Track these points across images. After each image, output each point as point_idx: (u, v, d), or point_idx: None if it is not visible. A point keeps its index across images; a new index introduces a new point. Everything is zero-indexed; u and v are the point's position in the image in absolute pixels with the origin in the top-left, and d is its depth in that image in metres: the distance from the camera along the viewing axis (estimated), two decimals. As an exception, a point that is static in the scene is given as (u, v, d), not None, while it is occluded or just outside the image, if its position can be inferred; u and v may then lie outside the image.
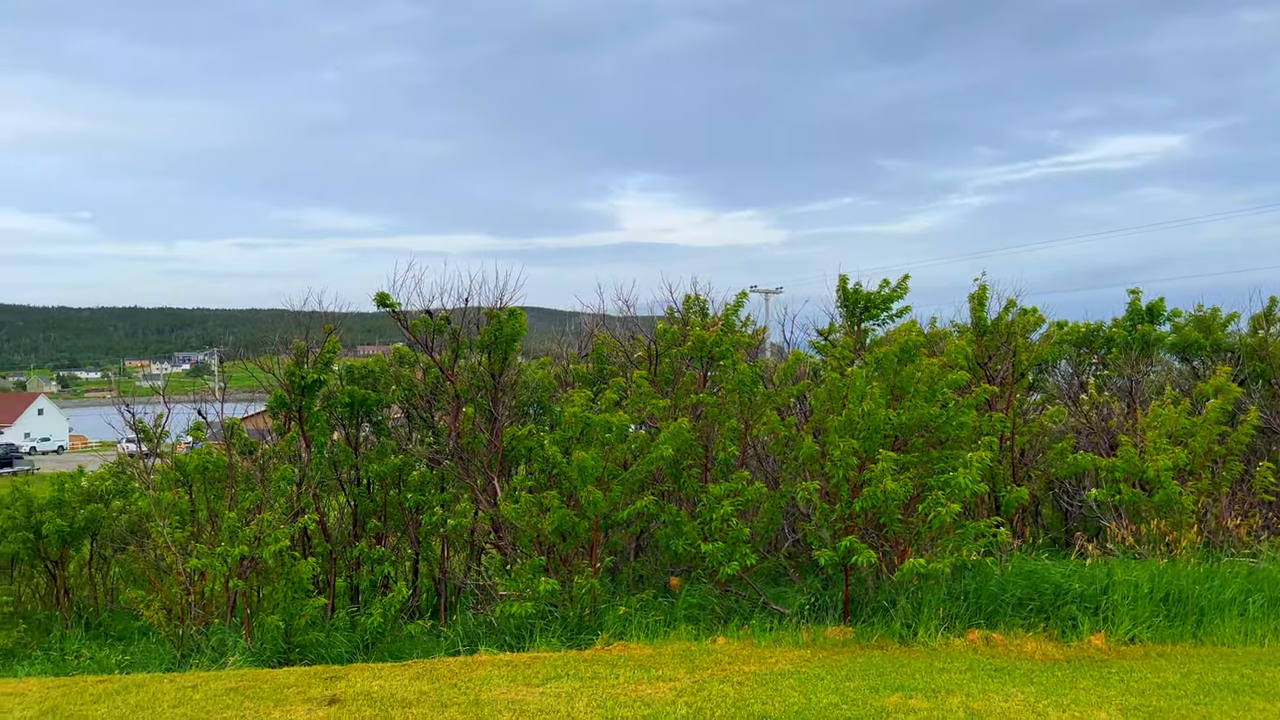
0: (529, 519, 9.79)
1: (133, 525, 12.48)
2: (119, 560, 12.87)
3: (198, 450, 11.23)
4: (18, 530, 12.06)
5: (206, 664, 8.86)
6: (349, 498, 12.11)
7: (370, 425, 12.34)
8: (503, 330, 11.63)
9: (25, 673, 9.55)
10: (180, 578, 10.07)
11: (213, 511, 11.45)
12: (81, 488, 12.64)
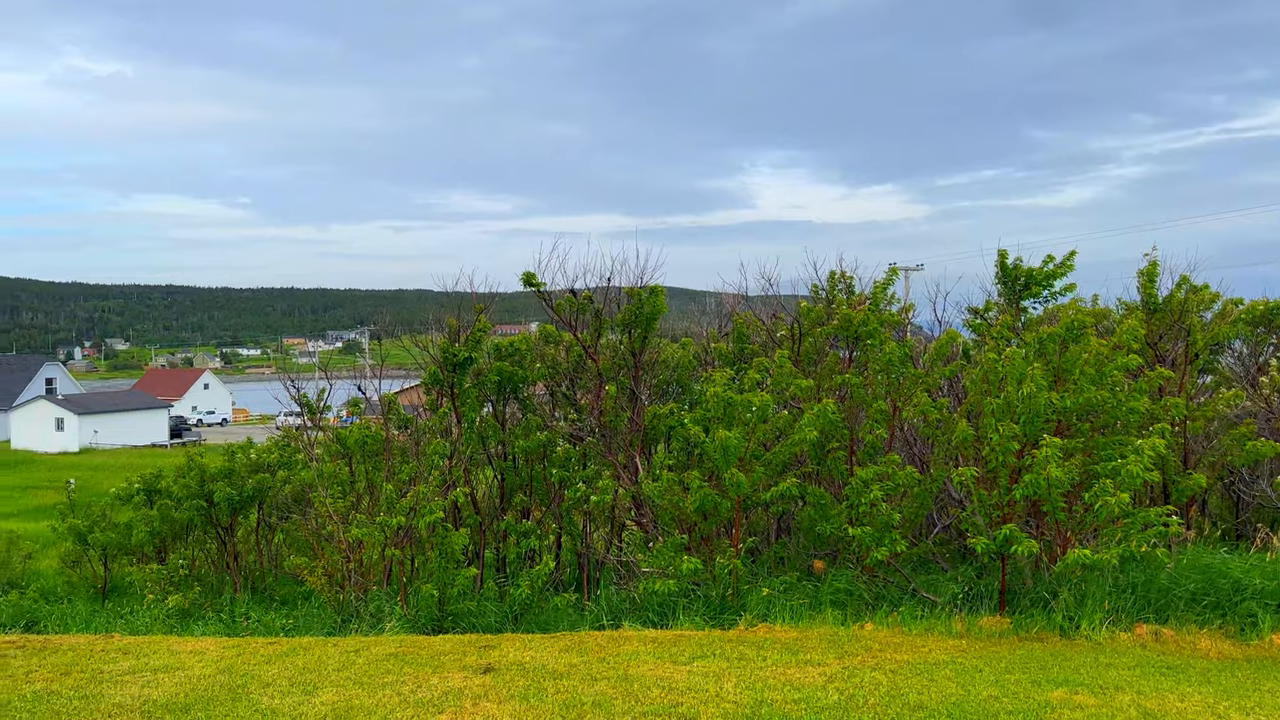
0: (670, 497, 9.81)
1: (296, 495, 13.17)
2: (283, 528, 13.63)
3: (357, 424, 11.74)
4: (192, 498, 12.92)
5: (366, 629, 9.27)
6: (496, 472, 12.44)
7: (516, 402, 12.61)
8: (643, 309, 11.67)
9: (201, 632, 10.22)
10: (341, 546, 10.58)
11: (371, 483, 11.98)
12: (250, 459, 13.44)
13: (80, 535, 13.52)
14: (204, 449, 23.34)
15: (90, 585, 13.91)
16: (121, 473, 51.49)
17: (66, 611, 12.04)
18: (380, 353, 13.10)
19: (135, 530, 13.12)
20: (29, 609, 12.05)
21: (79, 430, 73.44)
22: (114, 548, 13.61)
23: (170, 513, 13.10)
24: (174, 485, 13.28)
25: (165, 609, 11.24)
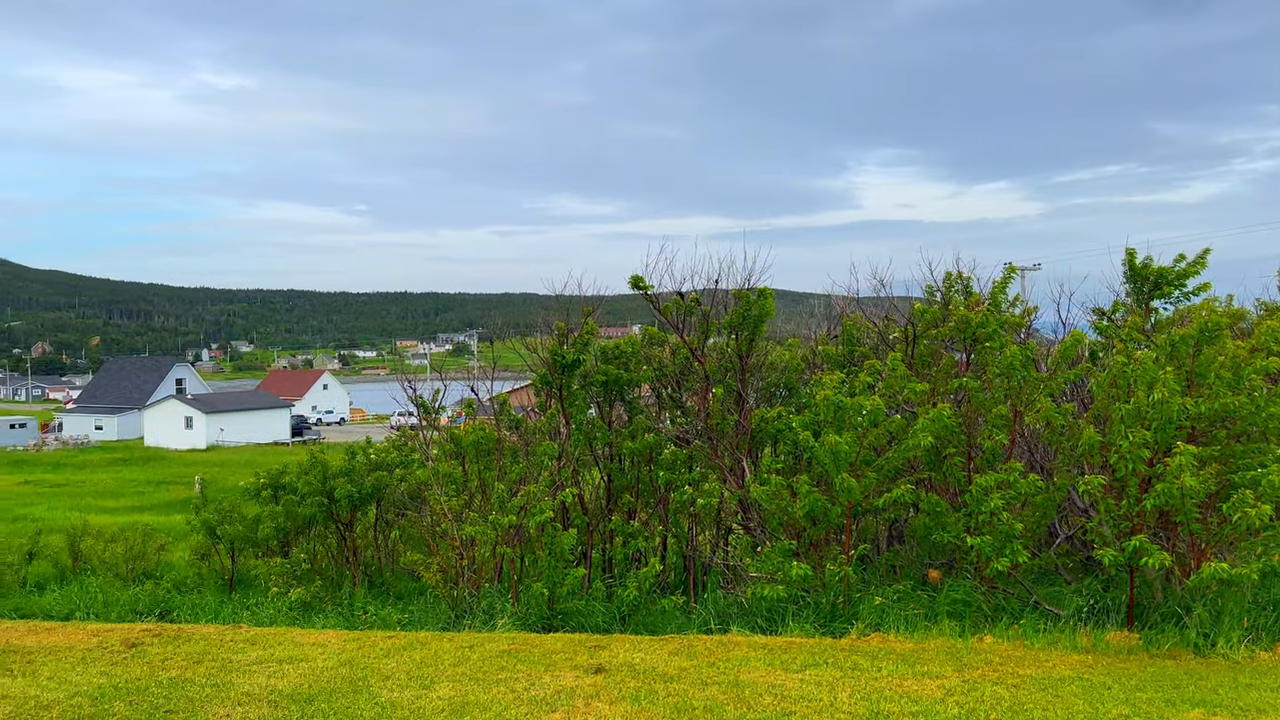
0: (779, 502, 9.69)
1: (412, 492, 13.54)
2: (399, 524, 14.03)
3: (469, 425, 11.99)
4: (315, 494, 13.42)
5: (478, 625, 9.45)
6: (603, 473, 12.53)
7: (622, 404, 12.68)
8: (750, 311, 11.58)
9: (322, 624, 10.58)
10: (455, 543, 10.82)
11: (483, 482, 12.22)
12: (369, 457, 13.89)
13: (210, 529, 14.21)
14: (323, 447, 24.28)
15: (219, 577, 14.59)
16: (246, 469, 53.99)
17: (197, 602, 12.64)
18: (492, 355, 13.36)
19: (262, 525, 13.72)
20: (163, 598, 12.70)
21: (206, 428, 77.31)
22: (241, 541, 14.25)
23: (294, 508, 13.65)
24: (298, 482, 13.82)
25: (288, 601, 11.70)
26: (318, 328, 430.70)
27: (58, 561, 15.15)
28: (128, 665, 7.12)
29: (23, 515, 29.91)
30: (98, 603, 12.30)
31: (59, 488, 46.29)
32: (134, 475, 53.74)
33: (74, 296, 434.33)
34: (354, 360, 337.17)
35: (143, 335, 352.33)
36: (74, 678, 6.77)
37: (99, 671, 6.93)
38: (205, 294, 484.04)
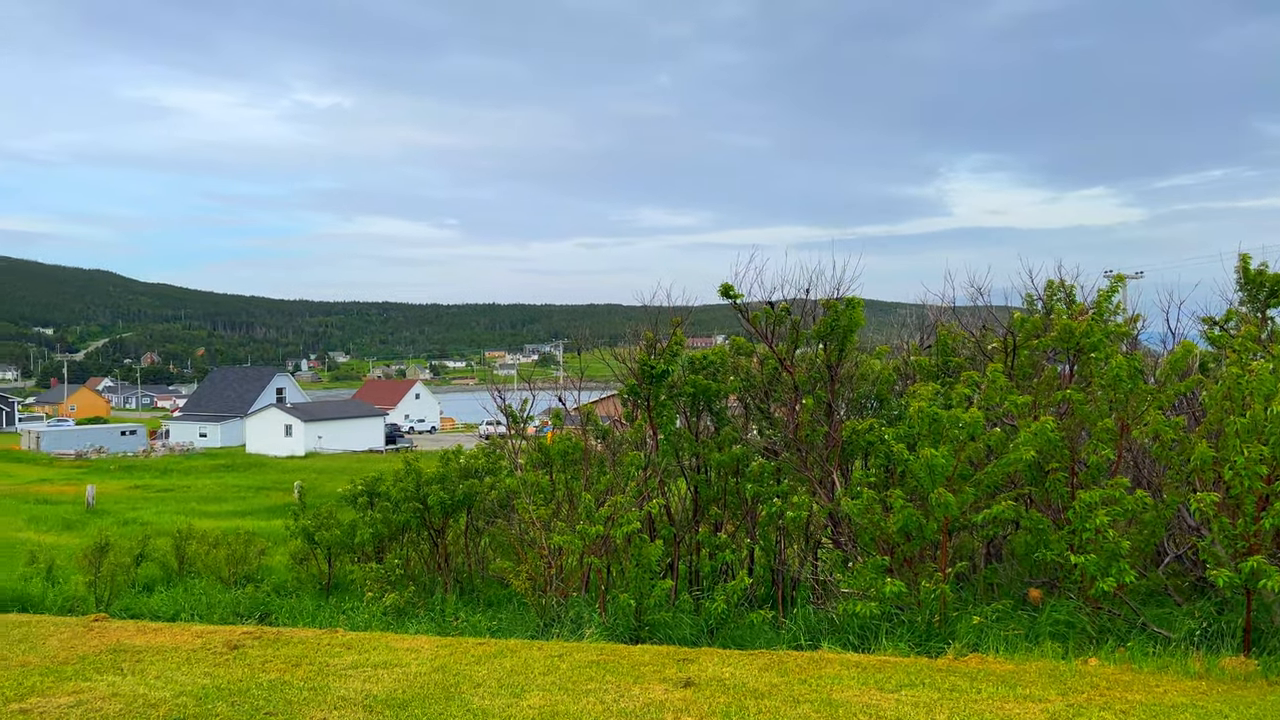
0: (871, 516, 9.49)
1: (501, 500, 13.70)
2: (489, 532, 14.20)
3: (555, 434, 12.08)
4: (409, 500, 13.68)
5: (566, 634, 9.48)
6: (690, 484, 12.46)
7: (710, 414, 12.60)
8: (840, 321, 11.38)
9: (415, 630, 10.76)
10: (543, 551, 10.89)
11: (570, 491, 12.29)
12: (460, 465, 14.11)
13: (308, 534, 14.60)
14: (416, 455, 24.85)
15: (316, 581, 14.98)
16: (342, 475, 55.43)
17: (295, 605, 13.00)
18: (578, 365, 13.44)
19: (359, 530, 14.04)
20: (263, 601, 13.09)
21: (305, 436, 79.81)
22: (338, 546, 14.61)
23: (389, 514, 13.93)
24: (393, 489, 14.12)
25: (382, 606, 11.93)
26: (410, 338, 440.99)
27: (165, 564, 15.78)
28: (230, 666, 7.33)
29: (132, 519, 31.29)
30: (201, 605, 12.75)
31: (166, 492, 48.27)
32: (236, 481, 55.72)
33: (181, 309, 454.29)
34: (444, 370, 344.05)
35: (245, 346, 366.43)
36: (179, 677, 7.00)
37: (203, 672, 7.16)
38: (304, 306, 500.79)
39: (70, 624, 9.00)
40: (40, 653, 7.72)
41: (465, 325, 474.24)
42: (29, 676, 6.96)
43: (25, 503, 36.78)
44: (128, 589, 13.25)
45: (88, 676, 6.97)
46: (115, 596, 12.51)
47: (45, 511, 32.77)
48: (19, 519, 29.99)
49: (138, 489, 49.47)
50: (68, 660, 7.46)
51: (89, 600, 12.19)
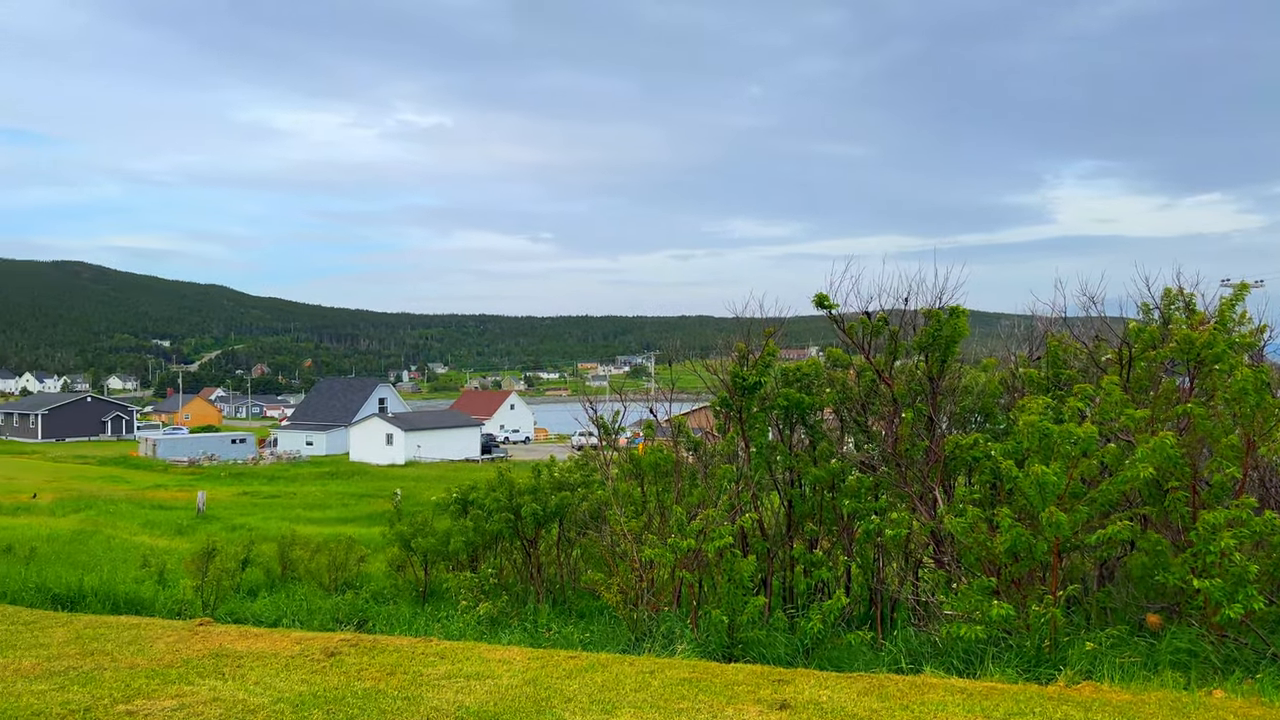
0: (976, 535, 9.10)
1: (593, 512, 13.67)
2: (581, 543, 14.19)
3: (646, 445, 11.98)
4: (502, 510, 13.76)
5: (658, 649, 9.34)
6: (784, 499, 12.21)
7: (804, 427, 12.32)
8: (942, 331, 10.99)
9: (507, 640, 10.78)
10: (634, 564, 10.79)
11: (661, 504, 12.16)
12: (553, 476, 14.15)
13: (405, 542, 14.83)
14: (510, 464, 25.13)
15: (413, 588, 15.19)
16: (439, 484, 56.54)
17: (392, 612, 13.19)
18: (670, 376, 13.33)
19: (453, 539, 14.20)
20: (361, 608, 13.31)
21: (405, 445, 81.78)
22: (433, 554, 14.79)
23: (482, 523, 14.05)
24: (486, 498, 14.23)
25: (476, 615, 12.00)
26: (506, 350, 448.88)
27: (269, 570, 16.24)
28: (326, 674, 7.42)
29: (240, 524, 32.45)
30: (303, 610, 13.04)
31: (272, 499, 49.99)
32: (339, 488, 57.38)
33: (289, 322, 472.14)
34: (538, 381, 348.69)
35: (349, 357, 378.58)
36: (278, 683, 7.11)
37: (300, 679, 7.26)
38: (405, 319, 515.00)
39: (176, 627, 9.28)
40: (147, 655, 7.97)
41: (559, 337, 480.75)
42: (136, 678, 7.17)
43: (142, 507, 38.55)
44: (232, 594, 13.66)
45: (190, 680, 7.15)
46: (221, 601, 12.90)
47: (159, 516, 34.28)
48: (135, 523, 31.42)
49: (246, 495, 51.38)
50: (172, 664, 7.67)
51: (196, 604, 12.60)
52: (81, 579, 13.56)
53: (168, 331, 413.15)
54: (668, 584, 11.05)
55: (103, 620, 9.60)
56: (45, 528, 25.04)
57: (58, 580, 13.31)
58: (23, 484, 51.74)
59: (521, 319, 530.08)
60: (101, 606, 12.54)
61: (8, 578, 13.47)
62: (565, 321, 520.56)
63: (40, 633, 8.92)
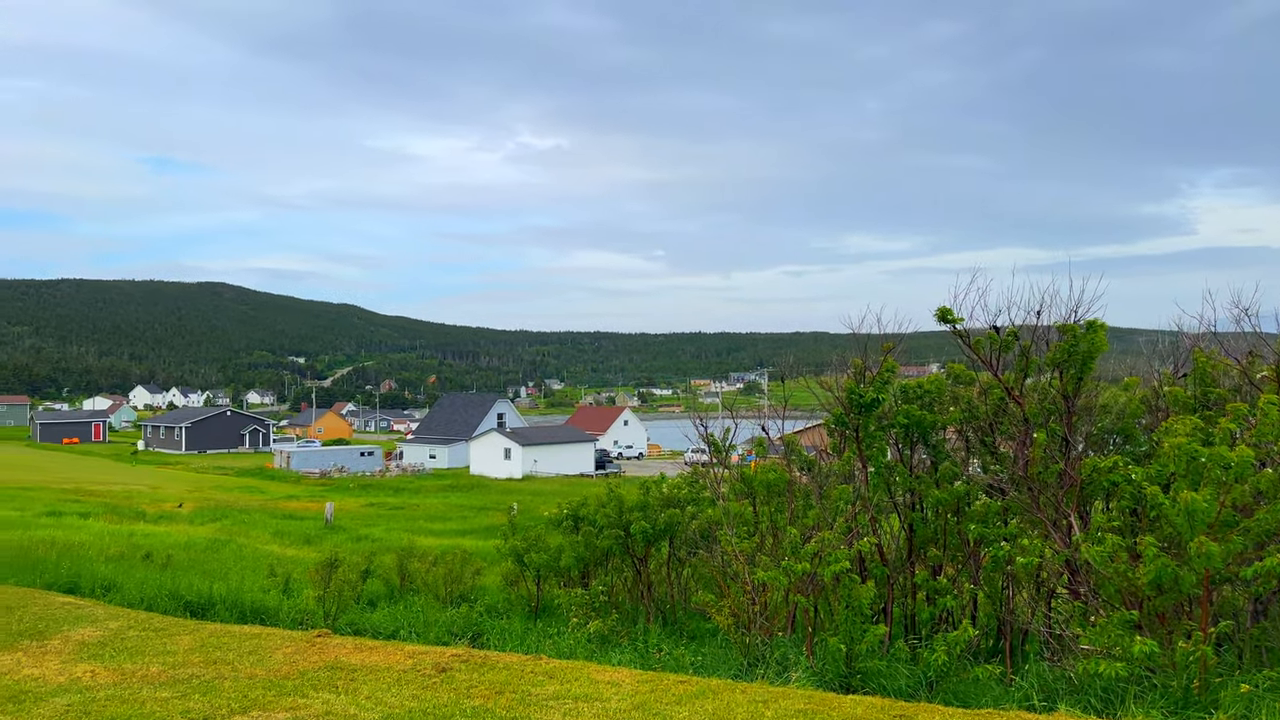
0: (1116, 565, 8.47)
1: (703, 531, 13.41)
2: (691, 563, 13.95)
3: (759, 464, 11.68)
4: (612, 527, 13.65)
5: (771, 676, 9.01)
6: (904, 522, 11.68)
7: (924, 447, 11.78)
8: (1078, 346, 10.33)
9: (617, 660, 10.62)
10: (746, 586, 10.48)
11: (774, 524, 11.82)
12: (662, 494, 13.97)
13: (519, 556, 14.89)
14: (620, 480, 25.21)
15: (525, 603, 15.23)
16: (554, 498, 57.17)
17: (505, 627, 13.22)
18: (783, 393, 12.99)
19: (564, 555, 14.17)
20: (475, 622, 13.39)
21: (522, 459, 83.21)
22: (545, 569, 14.80)
23: (593, 540, 13.98)
24: (596, 514, 14.15)
25: (586, 634, 11.89)
26: (619, 366, 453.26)
27: (388, 581, 16.57)
28: (436, 690, 7.40)
29: (364, 535, 33.44)
30: (419, 622, 13.19)
31: (396, 510, 51.46)
32: (459, 501, 58.68)
33: (415, 339, 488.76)
34: (651, 398, 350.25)
35: (471, 374, 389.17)
36: (388, 698, 7.12)
37: (410, 694, 7.26)
38: (523, 336, 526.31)
39: (295, 639, 9.48)
40: (266, 665, 8.13)
41: (672, 354, 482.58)
42: (253, 689, 7.30)
43: (273, 517, 40.22)
44: (353, 604, 13.95)
45: (305, 693, 7.23)
46: (341, 611, 13.17)
47: (289, 526, 35.67)
48: (266, 533, 32.78)
49: (372, 506, 53.06)
50: (289, 675, 7.79)
51: (318, 614, 12.90)
52: (211, 587, 14.07)
53: (302, 349, 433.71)
54: (781, 608, 10.70)
55: (227, 629, 9.90)
56: (184, 535, 26.35)
57: (190, 588, 13.84)
58: (167, 493, 54.80)
59: (635, 336, 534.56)
60: (229, 614, 12.96)
61: (145, 584, 14.08)
62: (678, 338, 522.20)
63: (169, 640, 9.24)
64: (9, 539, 20.32)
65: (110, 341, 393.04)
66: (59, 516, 32.40)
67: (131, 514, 37.21)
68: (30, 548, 18.20)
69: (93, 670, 7.92)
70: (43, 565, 15.55)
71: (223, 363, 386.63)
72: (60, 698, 7.07)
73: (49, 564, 15.60)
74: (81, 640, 9.16)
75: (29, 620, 10.04)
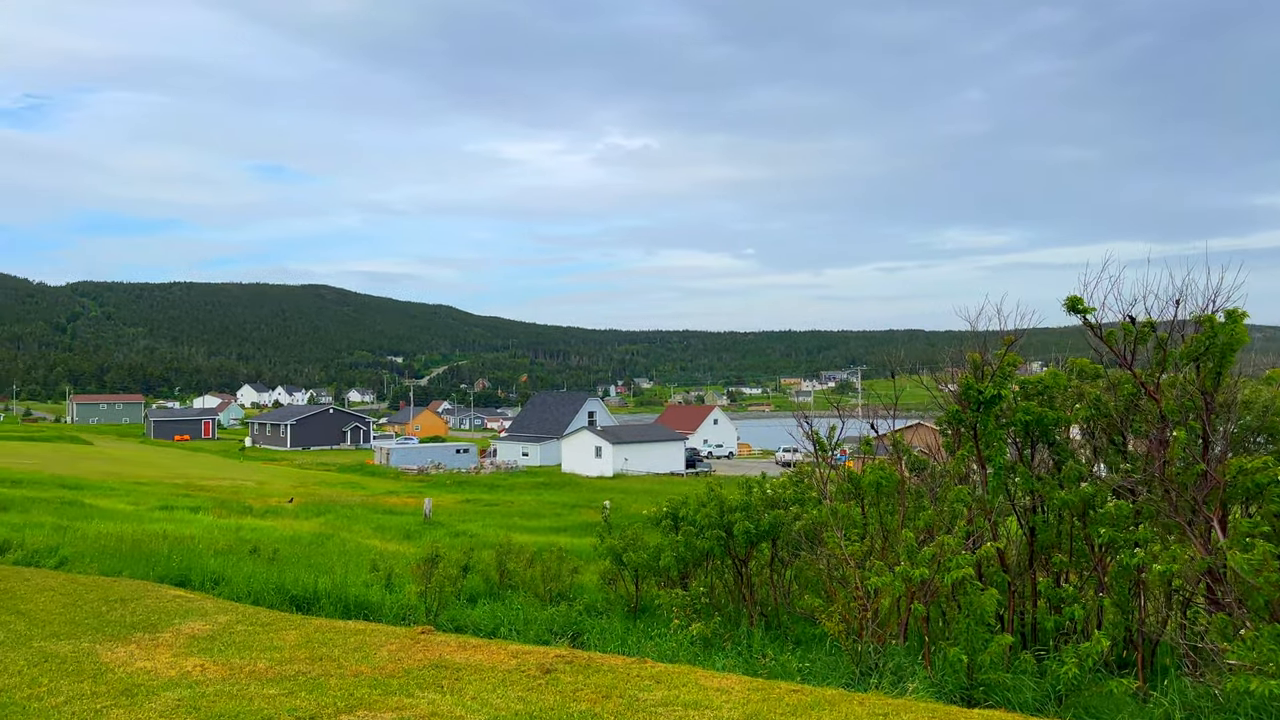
0: (1267, 574, 7.79)
1: (806, 531, 12.97)
2: (794, 565, 13.52)
3: (869, 464, 11.20)
4: (713, 527, 13.32)
5: (886, 686, 8.58)
6: (1024, 526, 11.05)
7: (1046, 446, 11.12)
8: (1216, 338, 9.57)
9: (721, 665, 10.30)
10: (857, 592, 10.03)
11: (884, 527, 11.32)
12: (765, 493, 13.58)
13: (617, 556, 14.69)
14: (718, 480, 24.79)
15: (624, 602, 15.02)
16: (646, 496, 57.08)
17: (605, 627, 13.02)
18: (894, 390, 12.45)
19: (663, 555, 13.89)
20: (575, 620, 13.23)
21: (613, 457, 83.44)
22: (644, 569, 14.55)
23: (692, 539, 13.67)
24: (696, 514, 13.84)
25: (688, 636, 11.59)
26: (708, 365, 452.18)
27: (487, 577, 16.56)
28: (542, 692, 7.21)
29: (462, 531, 33.81)
30: (519, 620, 13.10)
31: (491, 506, 52.06)
32: (551, 498, 59.10)
33: (508, 339, 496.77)
34: (740, 397, 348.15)
35: (561, 372, 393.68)
36: (494, 700, 6.95)
37: (516, 696, 7.08)
38: (613, 335, 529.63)
39: (399, 635, 9.43)
40: (371, 663, 8.06)
41: (761, 352, 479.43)
42: (359, 687, 7.22)
43: (374, 512, 41.06)
44: (454, 600, 13.94)
45: (410, 692, 7.12)
46: (442, 607, 13.16)
47: (389, 521, 36.33)
48: (367, 527, 33.43)
49: (468, 503, 53.81)
50: (394, 673, 7.70)
51: (419, 609, 12.92)
52: (316, 581, 14.25)
53: (400, 348, 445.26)
54: (894, 614, 10.21)
55: (332, 625, 9.92)
56: (289, 530, 27.01)
57: (295, 582, 14.04)
58: (272, 488, 56.60)
59: (724, 334, 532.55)
60: (333, 609, 13.07)
61: (252, 578, 14.34)
62: (768, 337, 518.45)
63: (275, 634, 9.29)
64: (126, 532, 21.09)
65: (219, 342, 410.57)
66: (170, 510, 33.64)
67: (239, 509, 38.45)
68: (144, 540, 18.81)
69: (202, 665, 7.97)
70: (156, 558, 16.00)
71: (325, 362, 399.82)
72: (171, 692, 7.10)
73: (161, 556, 16.06)
74: (192, 634, 9.29)
75: (142, 613, 10.25)
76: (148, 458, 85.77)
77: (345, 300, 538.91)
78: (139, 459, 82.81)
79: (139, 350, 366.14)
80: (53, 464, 65.62)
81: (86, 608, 10.47)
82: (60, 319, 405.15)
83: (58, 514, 27.21)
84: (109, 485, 47.42)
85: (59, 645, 8.71)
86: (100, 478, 54.56)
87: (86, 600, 10.90)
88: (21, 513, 26.83)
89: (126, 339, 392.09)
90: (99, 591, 11.42)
